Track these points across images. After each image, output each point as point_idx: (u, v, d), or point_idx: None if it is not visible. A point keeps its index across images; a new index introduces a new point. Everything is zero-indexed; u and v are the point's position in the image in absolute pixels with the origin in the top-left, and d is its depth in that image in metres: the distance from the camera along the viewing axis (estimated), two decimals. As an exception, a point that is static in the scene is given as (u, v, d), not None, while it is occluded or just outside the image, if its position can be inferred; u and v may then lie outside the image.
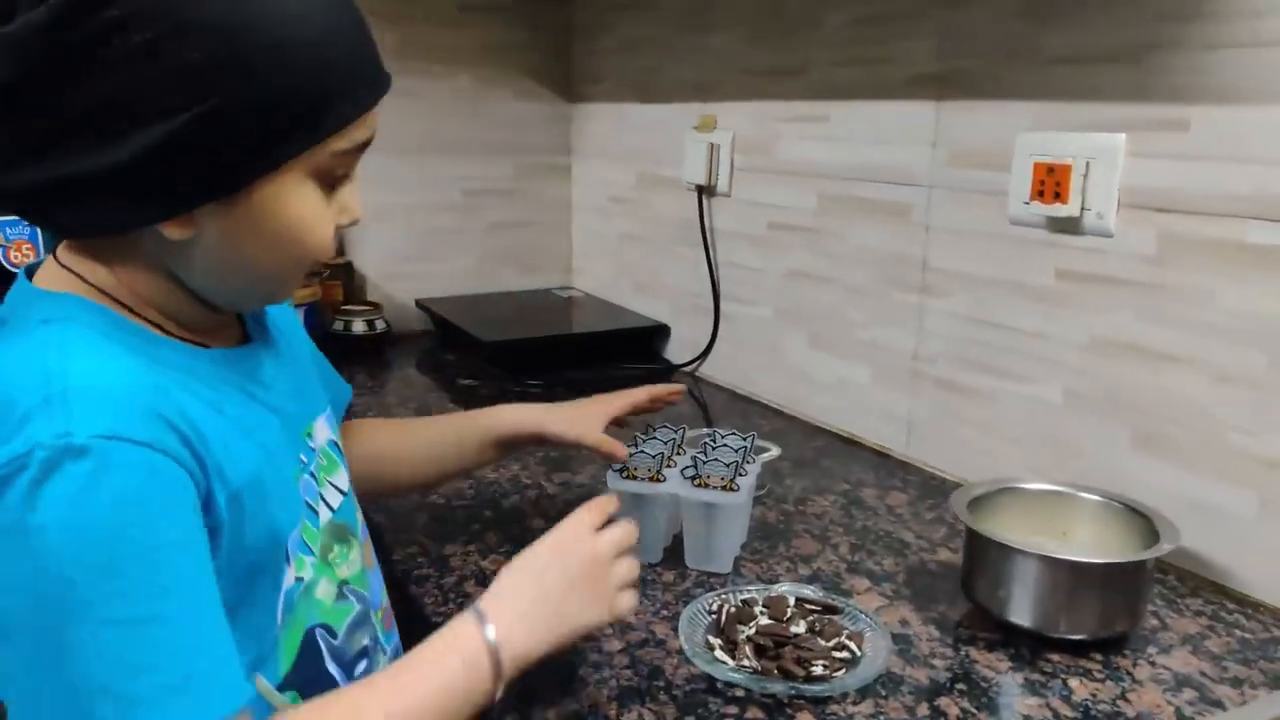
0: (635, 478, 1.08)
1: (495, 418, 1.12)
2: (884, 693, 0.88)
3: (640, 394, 1.17)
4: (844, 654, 0.91)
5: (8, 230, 1.46)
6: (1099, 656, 0.94)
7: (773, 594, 0.99)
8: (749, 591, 1.00)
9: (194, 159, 0.64)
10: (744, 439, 1.16)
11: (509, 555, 1.10)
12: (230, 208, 0.67)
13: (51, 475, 0.59)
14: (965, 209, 1.33)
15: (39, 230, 1.46)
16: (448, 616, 0.98)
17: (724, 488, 1.05)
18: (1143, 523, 1.01)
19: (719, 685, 0.88)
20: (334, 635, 0.82)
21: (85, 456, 0.59)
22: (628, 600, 0.81)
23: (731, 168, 1.74)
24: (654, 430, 1.18)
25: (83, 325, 0.67)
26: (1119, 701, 0.87)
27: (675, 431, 1.19)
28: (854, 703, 0.86)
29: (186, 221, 0.67)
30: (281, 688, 0.76)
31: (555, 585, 0.78)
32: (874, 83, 1.44)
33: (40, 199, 0.66)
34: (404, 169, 2.09)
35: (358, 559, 0.88)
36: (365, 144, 0.72)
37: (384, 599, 0.92)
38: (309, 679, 0.78)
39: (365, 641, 0.86)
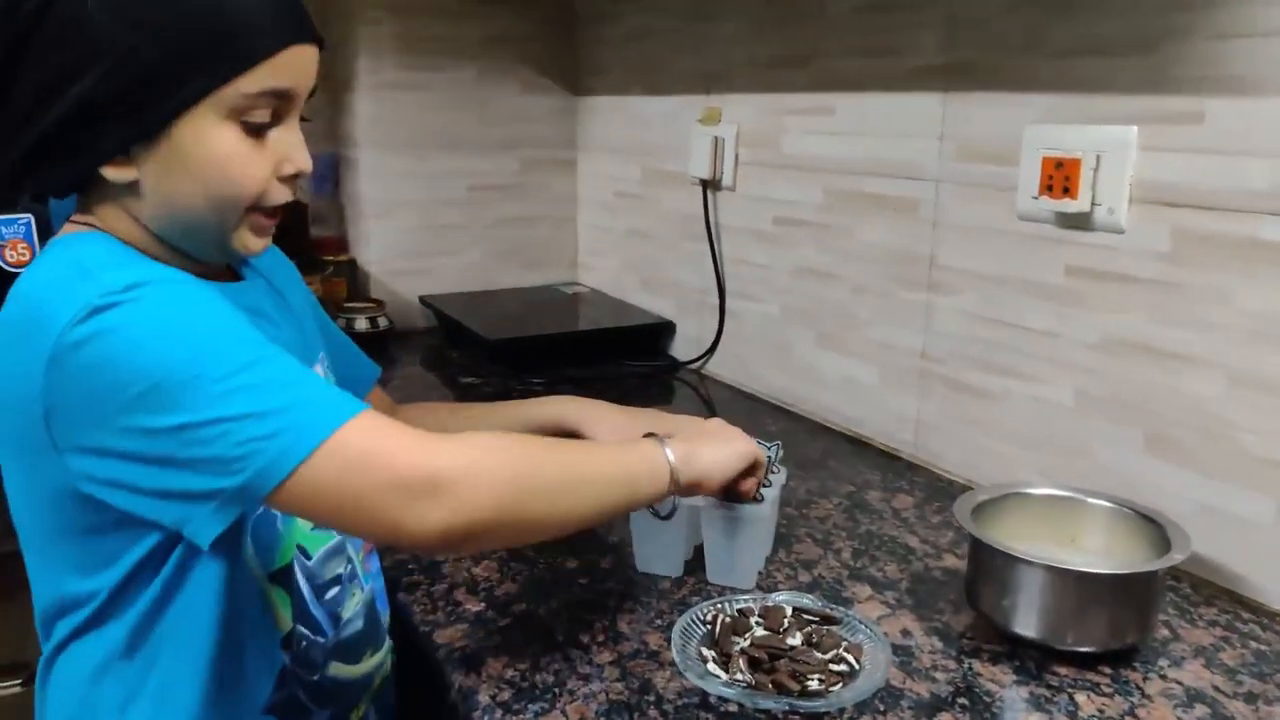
0: None
1: (559, 409, 1.11)
2: (882, 708, 0.85)
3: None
4: (842, 667, 0.88)
5: (3, 229, 1.44)
6: (1107, 669, 0.91)
7: (769, 604, 0.96)
8: (745, 601, 0.97)
9: (113, 107, 0.72)
10: (768, 448, 1.11)
11: (503, 560, 1.09)
12: (157, 149, 0.75)
13: (113, 310, 0.69)
14: (973, 204, 1.29)
15: (33, 228, 1.45)
16: (437, 625, 0.97)
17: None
18: (1154, 529, 0.97)
19: (712, 700, 0.85)
20: (308, 556, 0.89)
21: (134, 289, 0.70)
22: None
23: (736, 162, 1.71)
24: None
25: (96, 239, 0.78)
26: (1127, 718, 0.84)
27: None
28: (851, 718, 0.83)
29: (123, 164, 0.75)
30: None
31: (687, 431, 0.97)
32: (880, 74, 1.41)
33: (14, 172, 0.77)
34: (407, 164, 2.07)
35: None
36: (282, 93, 0.77)
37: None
38: (287, 595, 0.87)
39: (339, 570, 0.92)
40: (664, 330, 1.96)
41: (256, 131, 0.77)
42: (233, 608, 0.81)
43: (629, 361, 1.86)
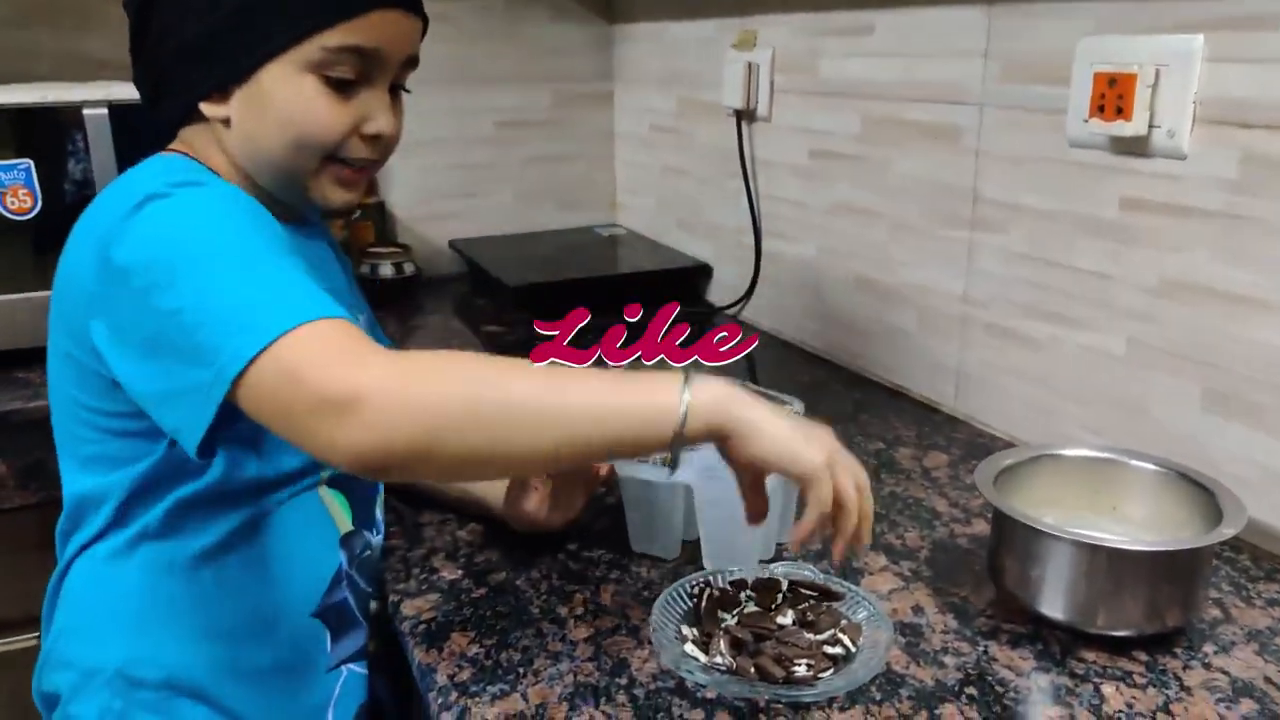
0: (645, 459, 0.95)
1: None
2: (878, 697, 0.76)
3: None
4: (836, 649, 0.79)
5: (2, 175, 1.40)
6: (1143, 656, 0.80)
7: (764, 575, 0.87)
8: (738, 573, 0.88)
9: (211, 50, 0.81)
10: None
11: (489, 524, 1.00)
12: (247, 91, 0.81)
13: (158, 200, 0.74)
14: (1020, 131, 1.16)
15: (32, 173, 1.40)
16: (406, 595, 0.91)
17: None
18: (1206, 496, 0.85)
19: (688, 685, 0.77)
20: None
21: (188, 187, 0.77)
22: (854, 473, 0.74)
23: (771, 89, 1.58)
24: None
25: (184, 158, 0.86)
26: (1159, 715, 0.73)
27: None
28: (841, 708, 0.74)
29: (220, 101, 0.83)
30: None
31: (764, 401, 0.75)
32: (920, -12, 1.27)
33: (148, 98, 0.87)
34: (431, 100, 1.96)
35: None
36: (365, 52, 0.81)
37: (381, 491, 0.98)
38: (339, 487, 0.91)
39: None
40: (700, 274, 1.85)
41: (340, 87, 0.82)
42: (277, 513, 0.86)
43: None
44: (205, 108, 0.83)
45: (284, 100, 0.81)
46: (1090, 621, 0.81)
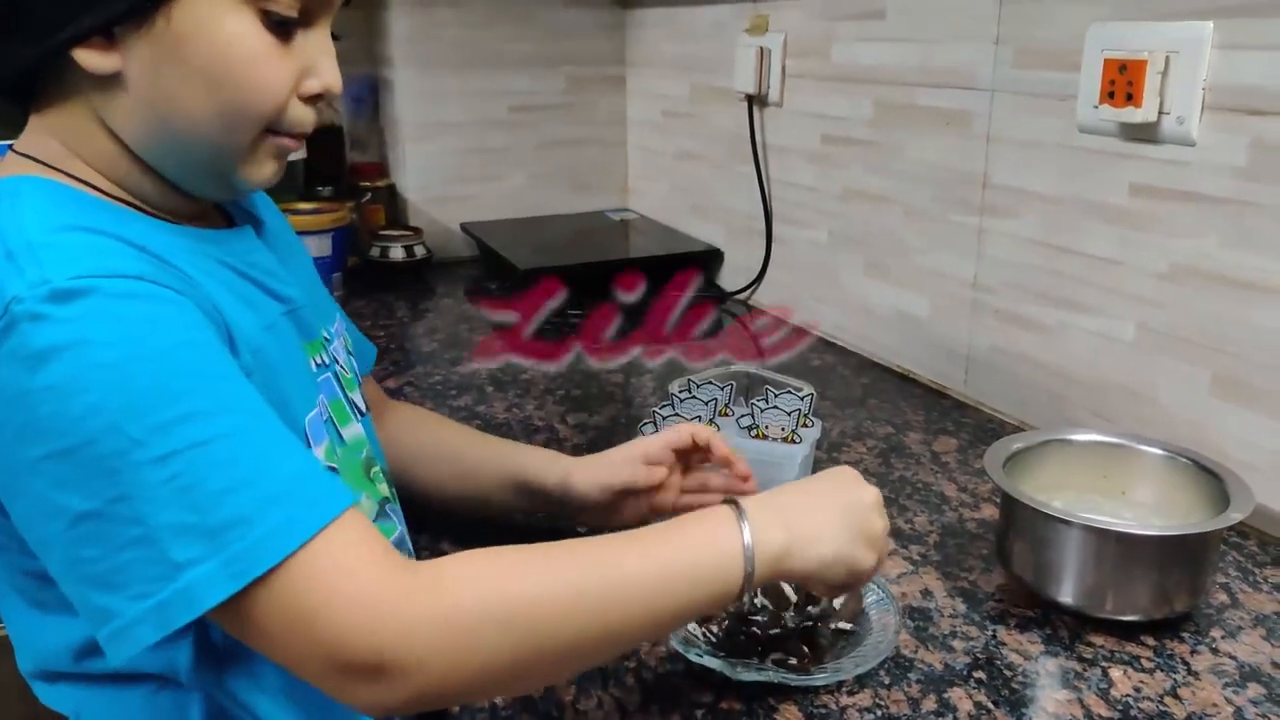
0: None
1: (523, 459, 0.93)
2: (887, 680, 0.77)
3: (676, 435, 0.90)
4: (846, 627, 0.80)
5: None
6: (1150, 640, 0.81)
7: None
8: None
9: None
10: (799, 395, 0.99)
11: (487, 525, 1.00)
12: (151, 31, 0.58)
13: (41, 325, 0.52)
14: (1030, 116, 1.16)
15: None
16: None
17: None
18: (1214, 481, 0.86)
19: (696, 668, 0.78)
20: None
21: (75, 297, 0.53)
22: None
23: (783, 74, 1.58)
24: (696, 388, 1.02)
25: (29, 194, 0.59)
26: (1166, 699, 0.74)
27: (721, 389, 1.02)
28: (850, 692, 0.75)
29: (104, 48, 0.58)
30: None
31: (822, 498, 0.72)
32: (932, -28, 1.27)
33: None
34: (446, 84, 1.97)
35: (386, 481, 0.82)
36: None
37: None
38: None
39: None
40: (711, 258, 1.85)
41: (281, 29, 0.61)
42: None
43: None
44: (84, 55, 0.58)
45: (214, 45, 0.58)
46: (1098, 606, 0.82)
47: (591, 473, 0.89)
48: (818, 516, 0.70)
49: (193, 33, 0.58)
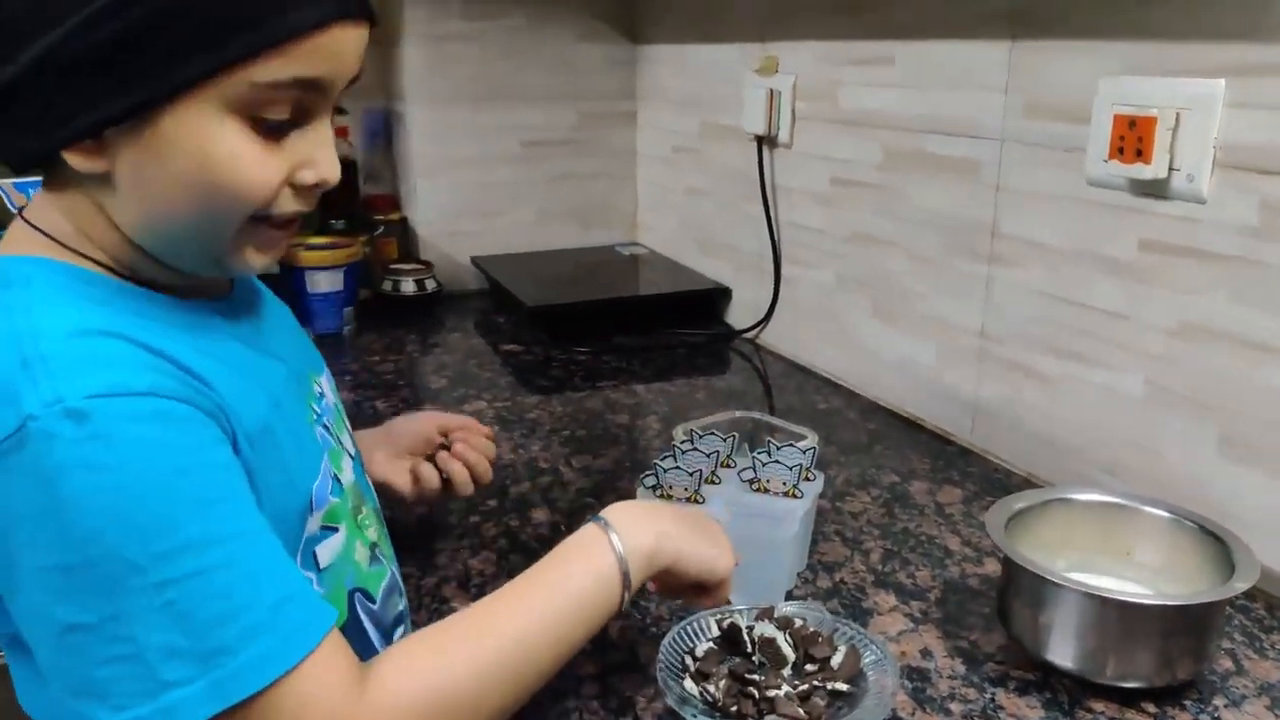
0: (670, 497, 0.94)
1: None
2: (883, 745, 0.76)
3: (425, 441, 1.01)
4: (843, 692, 0.79)
5: (30, 191, 1.42)
6: (1152, 708, 0.80)
7: (777, 615, 0.87)
8: (746, 616, 0.87)
9: (87, 72, 0.56)
10: (802, 449, 0.98)
11: (502, 551, 1.00)
12: (136, 139, 0.59)
13: (54, 444, 0.54)
14: (1040, 167, 1.16)
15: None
16: (417, 625, 0.91)
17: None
18: (1219, 545, 0.85)
19: (692, 726, 0.77)
20: (371, 600, 0.78)
21: (87, 420, 0.54)
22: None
23: (793, 116, 1.58)
24: (698, 439, 1.01)
25: (42, 283, 0.61)
26: (1167, 771, 0.73)
27: (724, 440, 1.01)
28: (845, 756, 0.74)
29: (92, 151, 0.59)
30: None
31: (670, 510, 0.81)
32: (942, 19, 1.27)
33: None
34: (458, 119, 1.99)
35: (375, 522, 0.84)
36: (311, 84, 0.60)
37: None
38: (354, 649, 0.67)
39: (400, 606, 0.83)
40: (719, 296, 1.85)
41: (272, 131, 0.60)
42: None
43: (680, 330, 1.76)
44: (73, 158, 0.59)
45: (194, 152, 0.58)
46: (1099, 672, 0.80)
47: (381, 469, 0.98)
48: (669, 519, 0.78)
49: (176, 139, 0.58)
